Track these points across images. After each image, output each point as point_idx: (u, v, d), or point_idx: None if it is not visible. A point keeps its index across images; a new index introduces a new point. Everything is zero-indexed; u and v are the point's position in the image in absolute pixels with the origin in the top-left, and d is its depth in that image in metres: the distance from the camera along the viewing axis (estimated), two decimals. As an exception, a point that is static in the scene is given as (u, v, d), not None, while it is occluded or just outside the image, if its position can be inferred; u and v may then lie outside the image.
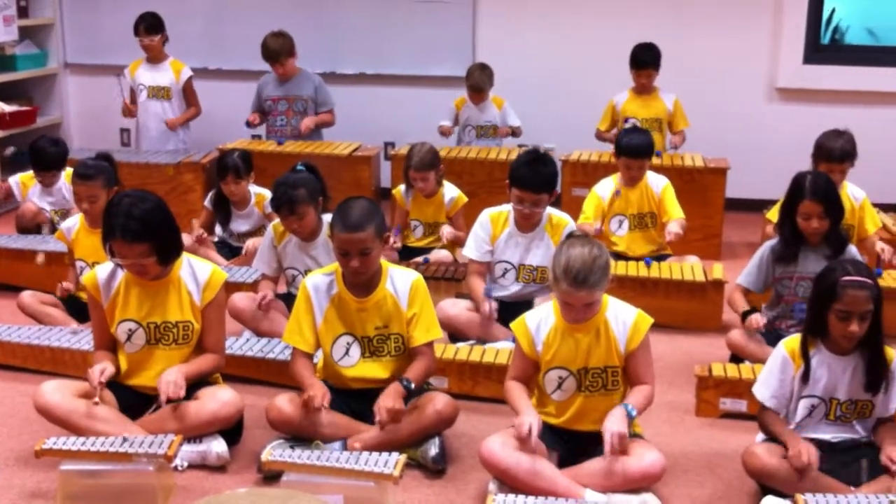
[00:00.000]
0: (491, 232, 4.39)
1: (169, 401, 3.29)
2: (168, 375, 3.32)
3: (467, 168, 6.06)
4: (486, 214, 4.44)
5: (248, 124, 6.40)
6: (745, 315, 4.10)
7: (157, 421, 3.38)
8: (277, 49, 6.29)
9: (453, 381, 4.00)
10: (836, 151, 4.71)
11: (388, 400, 3.30)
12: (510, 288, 4.41)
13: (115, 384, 3.45)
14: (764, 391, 3.28)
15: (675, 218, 5.03)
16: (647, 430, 3.45)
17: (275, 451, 3.13)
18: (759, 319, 4.03)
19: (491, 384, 3.91)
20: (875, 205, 5.05)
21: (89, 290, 3.50)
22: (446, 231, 5.21)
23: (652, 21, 6.69)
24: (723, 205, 5.95)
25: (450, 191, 5.34)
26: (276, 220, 4.50)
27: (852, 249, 4.11)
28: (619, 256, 5.03)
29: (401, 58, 7.01)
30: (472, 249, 4.42)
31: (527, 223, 4.34)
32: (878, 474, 3.11)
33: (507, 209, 4.41)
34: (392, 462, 3.03)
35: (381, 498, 3.00)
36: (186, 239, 4.28)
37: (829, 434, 3.22)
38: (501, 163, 6.07)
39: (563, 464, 3.21)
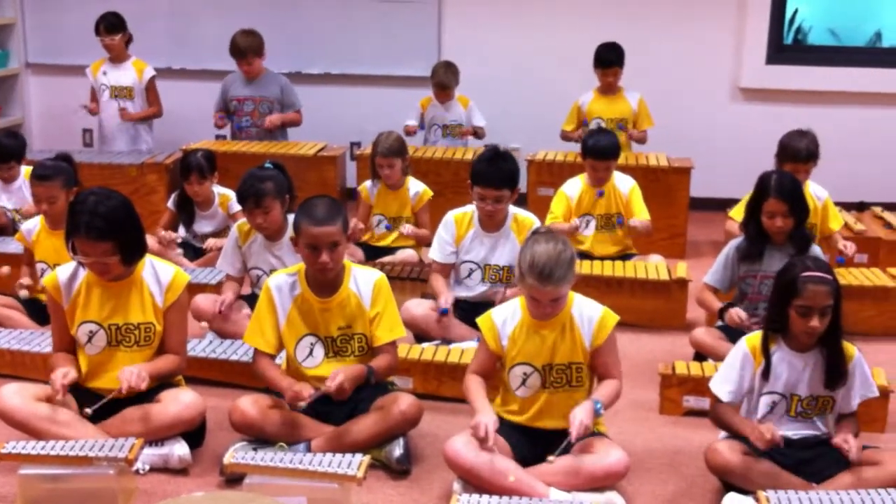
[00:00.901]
0: (455, 233, 4.39)
1: (129, 398, 3.25)
2: (130, 367, 3.29)
3: (433, 167, 6.05)
4: (451, 216, 4.43)
5: (218, 126, 6.36)
6: (722, 311, 4.12)
7: (118, 424, 3.35)
8: (245, 47, 6.25)
9: (418, 381, 3.99)
10: (801, 152, 4.75)
11: (344, 375, 3.28)
12: (476, 288, 4.41)
13: (75, 387, 3.40)
14: (723, 386, 3.29)
15: (640, 219, 5.06)
16: (611, 428, 3.47)
17: (237, 454, 3.11)
18: (740, 313, 4.02)
19: (455, 384, 3.90)
20: (836, 204, 5.11)
21: (50, 291, 3.46)
22: (407, 227, 5.20)
23: (616, 21, 6.71)
24: (687, 204, 5.98)
25: (415, 185, 5.34)
26: (241, 220, 4.48)
27: (816, 249, 4.14)
28: (583, 256, 5.04)
29: (366, 58, 6.99)
30: (437, 252, 4.42)
31: (491, 222, 4.34)
32: (840, 470, 3.14)
33: (471, 210, 4.41)
34: (356, 463, 3.02)
35: (344, 499, 2.99)
36: (150, 241, 4.24)
37: (791, 430, 3.24)
38: (468, 162, 6.04)
39: (527, 462, 3.21)
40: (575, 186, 5.17)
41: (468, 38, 6.91)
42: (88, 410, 3.25)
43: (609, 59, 6.15)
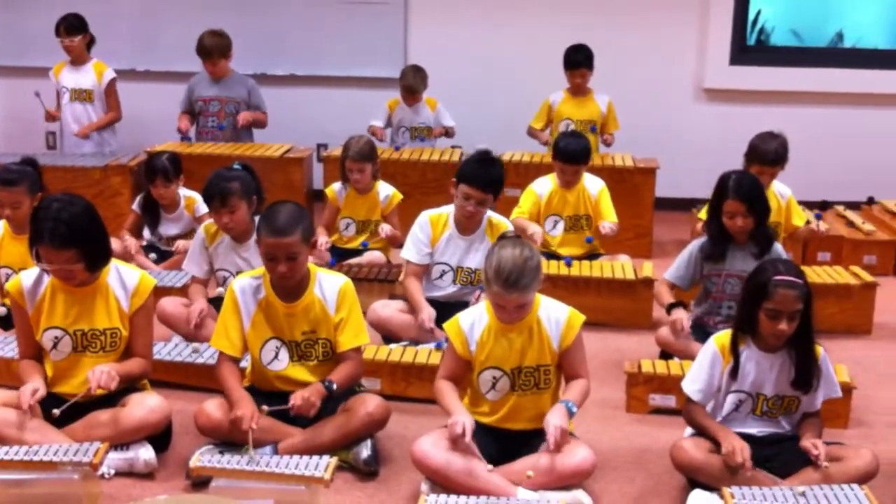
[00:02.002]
0: (430, 234, 4.36)
1: (94, 401, 3.23)
2: (100, 367, 3.27)
3: (401, 169, 6.06)
4: (426, 216, 4.40)
5: (181, 131, 6.32)
6: (670, 307, 4.16)
7: (83, 428, 3.32)
8: (212, 47, 6.22)
9: (385, 382, 3.99)
10: (770, 154, 4.80)
11: (306, 392, 3.29)
12: (446, 289, 4.41)
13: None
14: (692, 385, 3.33)
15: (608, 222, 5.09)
16: (578, 427, 3.48)
17: (203, 457, 3.10)
18: (683, 322, 4.07)
19: (423, 385, 3.91)
20: (800, 203, 5.15)
21: (13, 296, 3.43)
22: (386, 228, 5.18)
23: (581, 23, 6.74)
24: (653, 204, 6.03)
25: (384, 189, 5.32)
26: (208, 222, 4.45)
27: (778, 247, 4.19)
28: (551, 256, 5.07)
29: (333, 59, 6.98)
30: (412, 252, 4.39)
31: (468, 224, 4.33)
32: (802, 467, 3.17)
33: (446, 211, 4.39)
34: (323, 465, 3.01)
35: (311, 501, 2.98)
36: (115, 245, 4.21)
37: (755, 428, 3.28)
38: (435, 164, 6.08)
39: (495, 463, 3.21)
40: (545, 185, 5.19)
41: (435, 39, 6.92)
42: (56, 412, 3.22)
43: (576, 60, 6.18)
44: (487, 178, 4.22)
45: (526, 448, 3.23)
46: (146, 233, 5.34)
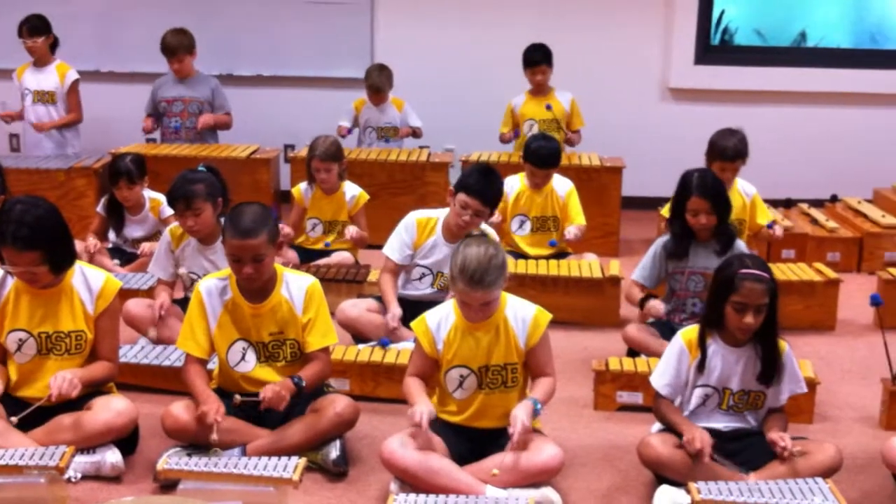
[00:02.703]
0: (415, 237, 4.33)
1: (59, 405, 3.20)
2: (62, 373, 3.25)
3: (367, 170, 6.05)
4: (413, 218, 4.36)
5: (145, 130, 6.28)
6: (643, 301, 4.18)
7: (48, 433, 3.29)
8: (176, 45, 6.18)
9: (355, 382, 3.99)
10: (729, 150, 4.84)
11: (276, 386, 3.29)
12: (423, 290, 4.39)
13: (5, 395, 3.34)
14: (660, 380, 3.36)
15: (576, 223, 5.11)
16: (546, 425, 3.50)
17: (171, 460, 3.08)
18: (657, 305, 4.11)
19: (392, 385, 3.91)
20: (765, 201, 5.20)
21: (-25, 299, 3.39)
22: (352, 230, 5.17)
23: (547, 23, 6.78)
24: (619, 203, 6.07)
25: (351, 189, 5.31)
26: (173, 224, 4.43)
27: (740, 244, 4.23)
28: (518, 255, 5.08)
29: (299, 59, 6.96)
30: (395, 251, 4.35)
31: (460, 233, 4.27)
32: (768, 461, 3.21)
33: (436, 216, 4.35)
34: (291, 466, 3.01)
35: (280, 502, 2.98)
36: (80, 247, 4.18)
37: (722, 423, 3.31)
38: (402, 164, 6.08)
39: (464, 461, 3.22)
40: (513, 185, 5.20)
41: (401, 39, 6.92)
42: (14, 419, 3.19)
43: (535, 58, 6.20)
44: (489, 191, 4.18)
45: (494, 446, 3.24)
46: (111, 235, 5.29)
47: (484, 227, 4.55)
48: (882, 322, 4.01)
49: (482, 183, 4.17)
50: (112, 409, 3.34)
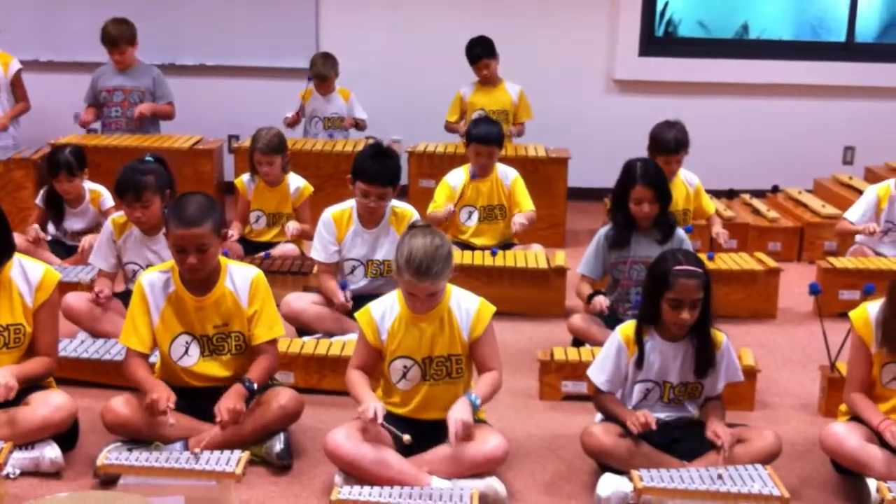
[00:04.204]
0: (335, 232, 4.34)
1: None
2: None
3: (313, 160, 6.01)
4: (328, 214, 4.37)
5: (82, 125, 6.16)
6: (589, 298, 4.21)
7: (-18, 429, 3.23)
8: (117, 35, 6.08)
9: (299, 375, 3.96)
10: (670, 143, 4.90)
11: (229, 401, 3.25)
12: (359, 283, 4.39)
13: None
14: (599, 375, 3.38)
15: (525, 210, 5.11)
16: (491, 416, 3.51)
17: (111, 455, 3.04)
18: (602, 301, 4.14)
19: (337, 377, 3.89)
20: (707, 191, 5.28)
21: None
22: (291, 226, 5.13)
23: (492, 14, 6.78)
24: (565, 194, 6.10)
25: (295, 181, 5.27)
26: (115, 214, 4.36)
27: (680, 233, 4.28)
28: (466, 246, 5.09)
29: (243, 49, 6.88)
30: (320, 252, 4.36)
31: (372, 217, 4.32)
32: (709, 449, 3.24)
33: (348, 206, 4.36)
34: (234, 460, 2.99)
35: (223, 497, 2.96)
36: (18, 239, 4.09)
37: (663, 414, 3.34)
38: (348, 155, 6.03)
39: (408, 453, 3.22)
40: (458, 176, 5.20)
41: (347, 29, 6.88)
42: None
43: (477, 53, 6.21)
44: (384, 173, 4.19)
45: (439, 437, 3.24)
46: (51, 228, 5.20)
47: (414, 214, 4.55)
48: (820, 310, 4.08)
49: (376, 166, 4.19)
50: (50, 404, 3.29)
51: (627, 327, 3.38)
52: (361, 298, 4.13)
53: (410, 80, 6.88)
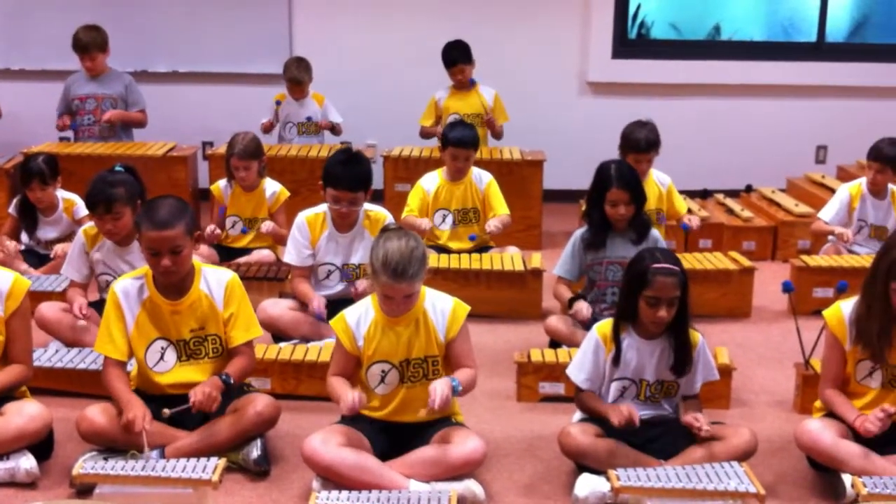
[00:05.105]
0: (309, 236, 4.34)
1: None
2: None
3: (288, 166, 6.00)
4: (303, 218, 4.37)
5: (61, 128, 6.13)
6: (570, 302, 4.22)
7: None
8: (89, 42, 6.05)
9: (276, 381, 3.95)
10: (642, 142, 4.92)
11: (205, 386, 3.25)
12: (335, 288, 4.38)
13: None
14: (579, 374, 3.39)
15: (499, 214, 5.12)
16: (469, 418, 3.51)
17: (87, 464, 3.02)
18: (583, 311, 4.14)
19: (314, 382, 3.89)
20: (681, 192, 5.30)
21: None
22: (267, 224, 5.12)
23: (465, 18, 6.80)
24: (541, 196, 6.11)
25: (271, 185, 5.26)
26: (87, 225, 4.33)
27: (655, 233, 4.30)
28: (441, 250, 5.09)
29: (216, 55, 6.86)
30: (293, 256, 4.36)
31: (345, 222, 4.32)
32: (685, 447, 3.26)
33: (322, 210, 4.36)
34: (210, 467, 2.97)
35: (200, 504, 2.94)
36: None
37: (640, 411, 3.34)
38: (323, 160, 6.01)
39: (386, 457, 3.22)
40: (432, 181, 5.20)
41: (320, 33, 6.88)
42: None
43: (452, 57, 6.22)
44: (353, 178, 4.19)
45: (418, 440, 3.24)
46: (24, 237, 5.16)
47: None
48: (794, 308, 4.11)
49: (346, 172, 4.19)
50: (25, 413, 3.26)
51: (605, 325, 3.39)
52: (339, 303, 4.13)
53: (385, 85, 6.88)
